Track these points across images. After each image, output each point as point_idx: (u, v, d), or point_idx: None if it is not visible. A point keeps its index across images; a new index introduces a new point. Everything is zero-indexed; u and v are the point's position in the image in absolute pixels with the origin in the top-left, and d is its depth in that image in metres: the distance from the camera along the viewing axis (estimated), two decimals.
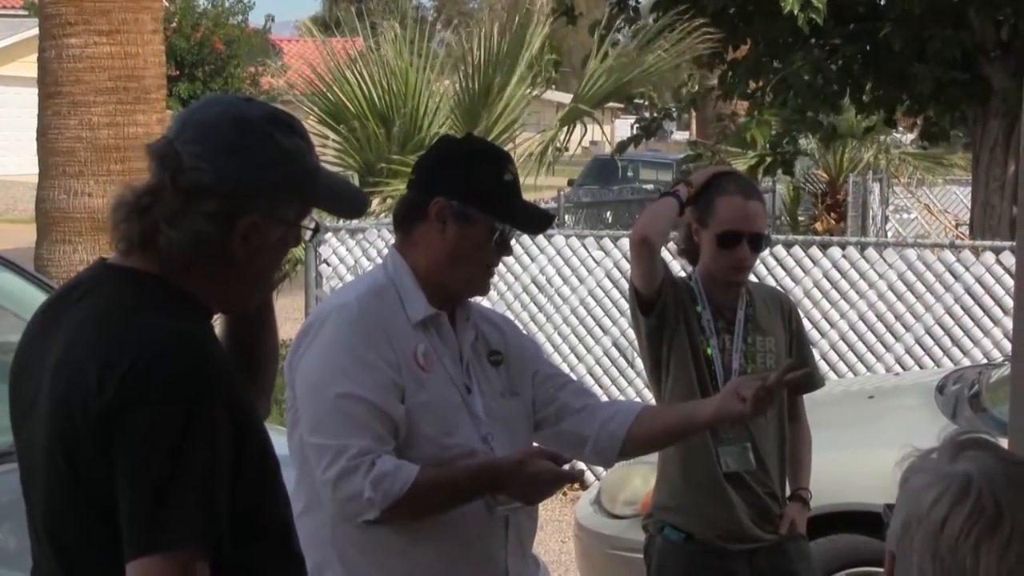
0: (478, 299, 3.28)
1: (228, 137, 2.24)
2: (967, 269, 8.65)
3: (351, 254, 9.55)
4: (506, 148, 11.02)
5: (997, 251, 8.52)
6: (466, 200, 3.03)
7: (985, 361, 7.94)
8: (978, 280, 8.61)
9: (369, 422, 2.93)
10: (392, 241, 3.22)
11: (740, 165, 13.30)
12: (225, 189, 2.21)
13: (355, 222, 9.92)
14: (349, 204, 2.47)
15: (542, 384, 3.22)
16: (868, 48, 11.40)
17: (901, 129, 20.10)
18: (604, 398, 8.79)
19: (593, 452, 3.28)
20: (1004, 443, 1.98)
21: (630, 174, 27.28)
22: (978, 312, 8.59)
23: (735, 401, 3.24)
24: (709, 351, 4.14)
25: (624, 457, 3.42)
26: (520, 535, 3.14)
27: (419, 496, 2.90)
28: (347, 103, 10.48)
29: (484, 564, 3.05)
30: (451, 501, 3.01)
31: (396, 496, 2.87)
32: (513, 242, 9.85)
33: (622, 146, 13.07)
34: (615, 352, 9.15)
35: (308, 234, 2.36)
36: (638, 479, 5.58)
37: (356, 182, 10.23)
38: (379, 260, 8.01)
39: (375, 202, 10.14)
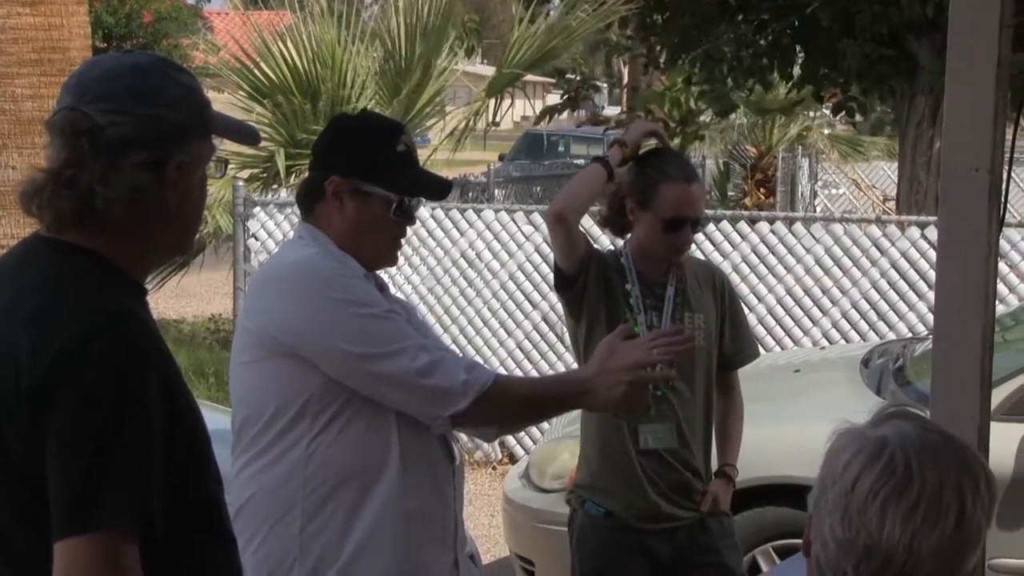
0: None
1: (134, 84, 2.22)
2: (893, 244, 8.74)
3: (279, 228, 9.51)
4: (434, 121, 11.04)
5: (922, 226, 8.60)
6: (360, 176, 3.09)
7: (910, 335, 8.02)
8: (903, 255, 8.70)
9: (414, 331, 3.05)
10: None
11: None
12: (147, 136, 2.19)
13: (283, 196, 9.87)
14: (245, 132, 2.48)
15: None
16: (796, 23, 11.44)
17: (829, 106, 20.23)
18: (533, 373, 8.84)
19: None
20: (927, 415, 2.00)
21: (561, 149, 27.30)
22: (903, 286, 8.68)
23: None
24: (637, 328, 4.12)
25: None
26: (461, 488, 3.22)
27: (504, 392, 3.01)
28: (273, 78, 10.44)
29: (439, 505, 3.10)
30: (537, 403, 3.14)
31: (485, 384, 2.95)
32: (442, 216, 9.84)
33: (546, 112, 13.02)
34: (544, 327, 9.17)
35: (221, 170, 2.38)
36: (567, 453, 5.59)
37: (282, 156, 10.19)
38: None
39: (301, 176, 10.08)
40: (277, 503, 3.02)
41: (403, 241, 3.22)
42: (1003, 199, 3.49)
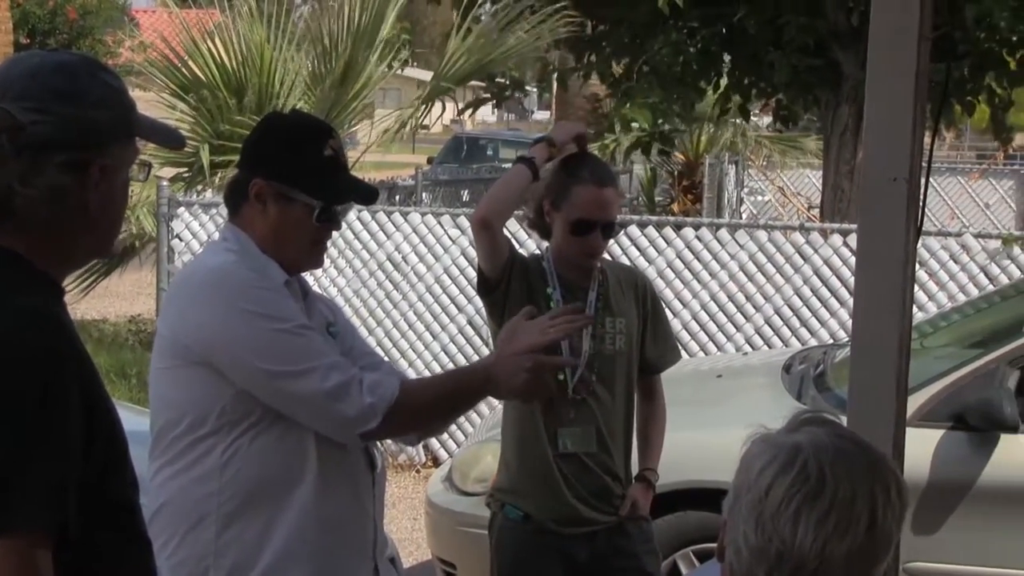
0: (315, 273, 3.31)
1: (57, 84, 2.18)
2: (816, 251, 8.82)
3: (204, 229, 9.45)
4: (363, 124, 10.99)
5: (845, 233, 8.68)
6: (284, 180, 3.06)
7: (831, 341, 8.10)
8: (826, 262, 8.78)
9: (329, 346, 3.01)
10: None
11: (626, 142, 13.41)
12: (70, 137, 2.16)
13: (208, 196, 9.80)
14: (170, 136, 2.44)
15: (360, 359, 3.22)
16: (724, 31, 11.51)
17: (757, 112, 20.37)
18: None
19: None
20: (844, 421, 2.02)
21: (490, 152, 27.29)
22: (825, 293, 8.76)
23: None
24: None
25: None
26: (382, 495, 3.21)
27: (411, 401, 2.97)
28: (200, 75, 10.36)
29: (357, 514, 3.08)
30: (445, 403, 3.11)
31: (391, 399, 2.92)
32: (369, 219, 9.80)
33: (472, 106, 13.02)
34: (470, 330, 9.17)
35: (145, 173, 2.35)
36: (489, 456, 5.59)
37: (206, 152, 10.11)
38: None
39: (226, 173, 10.01)
40: (192, 509, 2.99)
41: (329, 244, 3.19)
42: (921, 208, 3.53)
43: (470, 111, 13.27)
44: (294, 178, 3.05)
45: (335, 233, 3.22)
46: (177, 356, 3.00)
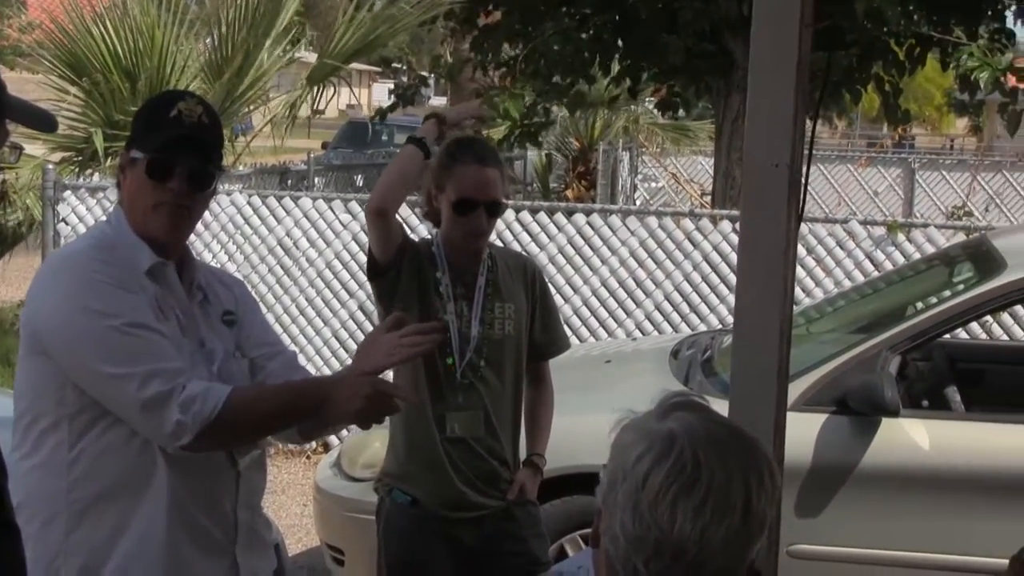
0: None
1: None
2: (705, 237, 8.89)
3: (91, 213, 9.31)
4: (258, 108, 10.88)
5: (734, 220, 8.75)
6: (132, 144, 3.01)
7: (720, 327, 8.17)
8: (715, 248, 8.86)
9: (166, 347, 2.89)
10: None
11: (494, 135, 13.34)
12: None
13: (95, 180, 9.66)
14: (41, 118, 2.41)
15: (254, 349, 3.17)
16: (617, 17, 11.54)
17: (651, 99, 20.51)
18: (349, 362, 8.77)
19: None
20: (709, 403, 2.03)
21: (384, 138, 27.19)
22: (715, 279, 8.84)
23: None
24: (445, 317, 4.14)
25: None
26: (251, 488, 3.12)
27: (234, 418, 2.86)
28: (91, 57, 10.19)
29: (212, 512, 3.01)
30: (275, 419, 3.01)
31: (207, 419, 2.82)
32: (259, 204, 9.68)
33: (382, 113, 12.97)
34: (360, 316, 9.15)
35: (16, 155, 2.30)
36: (377, 442, 5.56)
37: (99, 137, 9.96)
38: None
39: (116, 159, 9.88)
40: (43, 506, 2.93)
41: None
42: (802, 194, 3.57)
43: (376, 116, 13.16)
44: (137, 140, 3.00)
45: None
46: (27, 344, 2.94)
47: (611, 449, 1.95)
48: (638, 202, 20.53)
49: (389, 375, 4.54)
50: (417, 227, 8.14)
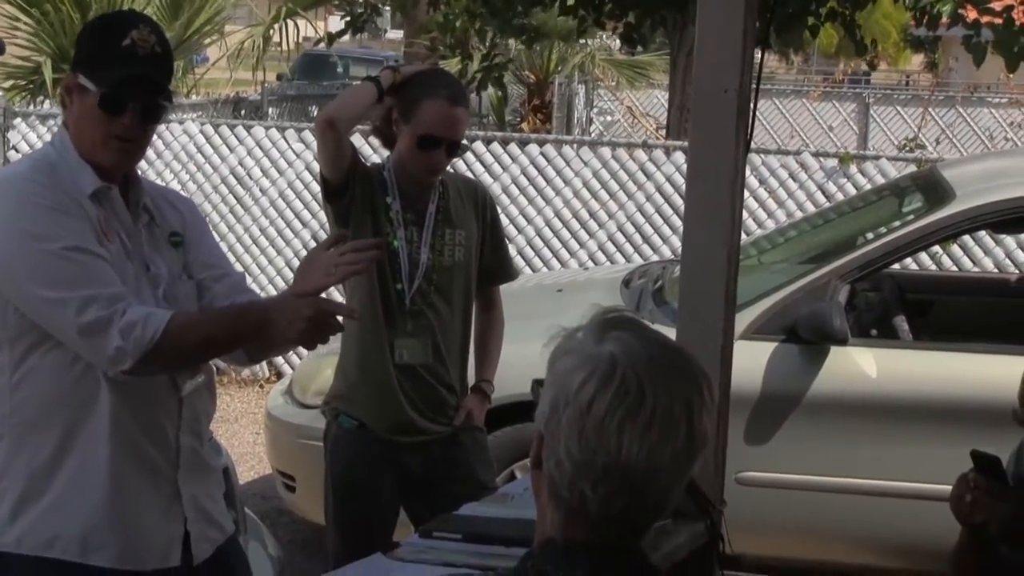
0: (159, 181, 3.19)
1: None
2: (658, 168, 8.91)
3: (41, 140, 9.23)
4: (213, 40, 10.79)
5: (687, 151, 8.75)
6: (81, 69, 2.96)
7: (672, 258, 8.19)
8: (668, 179, 8.88)
9: (106, 272, 2.87)
10: None
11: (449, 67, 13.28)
12: None
13: (46, 107, 9.57)
14: None
15: (201, 270, 3.16)
16: None
17: (610, 34, 20.44)
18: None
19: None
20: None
21: (340, 70, 27.01)
22: (668, 210, 8.86)
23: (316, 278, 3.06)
24: (395, 243, 4.13)
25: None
26: (195, 413, 3.10)
27: (175, 343, 2.85)
28: None
29: (154, 437, 3.00)
30: (216, 343, 3.01)
31: (147, 344, 2.82)
32: (211, 132, 9.61)
33: (331, 38, 12.86)
34: (313, 245, 9.12)
35: None
36: (329, 369, 5.54)
37: (48, 67, 9.88)
38: None
39: None
40: None
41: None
42: (750, 121, 3.58)
43: (326, 40, 13.06)
44: (88, 67, 2.95)
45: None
46: None
47: (549, 372, 1.95)
48: (594, 135, 20.49)
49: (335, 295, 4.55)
50: (370, 157, 8.10)
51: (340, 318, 3.02)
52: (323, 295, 3.06)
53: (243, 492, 5.27)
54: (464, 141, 4.28)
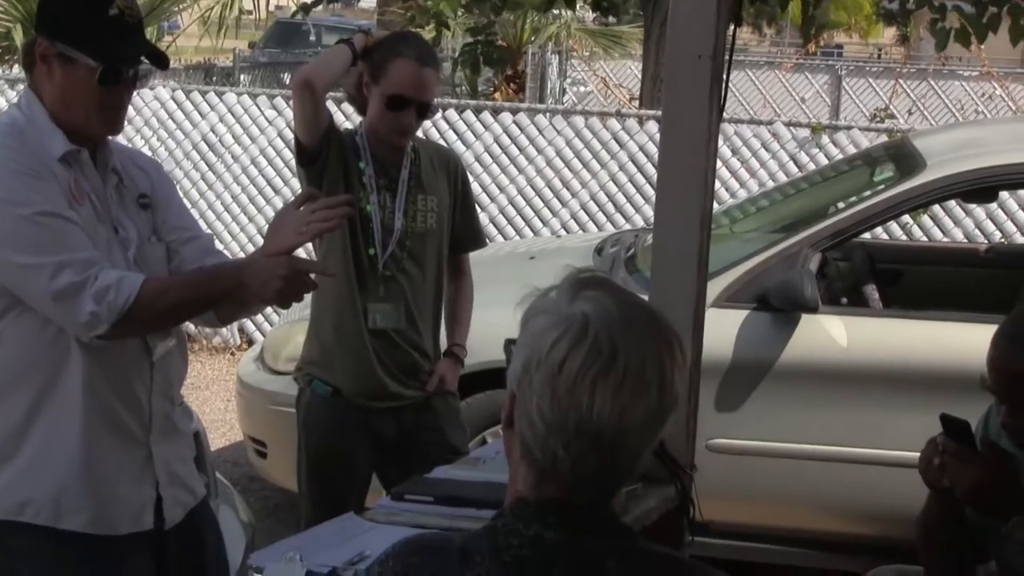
0: (123, 142, 3.17)
1: None
2: (631, 137, 8.91)
3: (10, 104, 9.16)
4: (185, 6, 10.73)
5: (660, 120, 8.76)
6: (66, 39, 2.94)
7: (644, 227, 8.20)
8: (641, 148, 8.88)
9: (78, 236, 2.86)
10: None
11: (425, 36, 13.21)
12: None
13: (15, 72, 9.50)
14: None
15: (170, 233, 3.15)
16: None
17: (582, 3, 20.40)
18: None
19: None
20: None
21: (313, 38, 26.87)
22: (641, 179, 8.87)
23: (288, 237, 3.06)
24: (368, 208, 4.14)
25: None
26: (167, 377, 3.11)
27: (148, 306, 2.85)
28: None
29: (126, 401, 3.00)
30: (189, 306, 3.01)
31: (121, 309, 2.82)
32: (183, 98, 9.56)
33: (306, 9, 12.80)
34: None
35: None
36: (301, 336, 5.55)
37: (19, 32, 9.81)
38: None
39: None
40: None
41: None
42: (724, 87, 3.58)
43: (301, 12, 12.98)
44: (76, 38, 2.93)
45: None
46: None
47: (521, 332, 1.95)
48: (567, 106, 20.46)
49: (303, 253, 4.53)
50: (343, 124, 8.07)
51: (313, 275, 3.02)
52: (293, 255, 3.06)
53: (215, 458, 5.28)
54: (434, 102, 4.27)
